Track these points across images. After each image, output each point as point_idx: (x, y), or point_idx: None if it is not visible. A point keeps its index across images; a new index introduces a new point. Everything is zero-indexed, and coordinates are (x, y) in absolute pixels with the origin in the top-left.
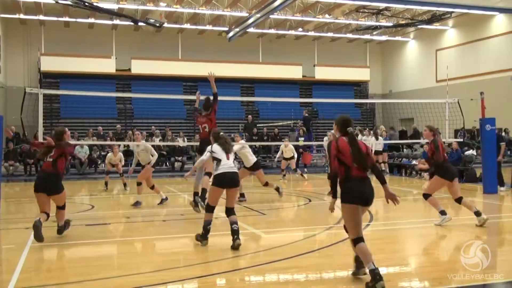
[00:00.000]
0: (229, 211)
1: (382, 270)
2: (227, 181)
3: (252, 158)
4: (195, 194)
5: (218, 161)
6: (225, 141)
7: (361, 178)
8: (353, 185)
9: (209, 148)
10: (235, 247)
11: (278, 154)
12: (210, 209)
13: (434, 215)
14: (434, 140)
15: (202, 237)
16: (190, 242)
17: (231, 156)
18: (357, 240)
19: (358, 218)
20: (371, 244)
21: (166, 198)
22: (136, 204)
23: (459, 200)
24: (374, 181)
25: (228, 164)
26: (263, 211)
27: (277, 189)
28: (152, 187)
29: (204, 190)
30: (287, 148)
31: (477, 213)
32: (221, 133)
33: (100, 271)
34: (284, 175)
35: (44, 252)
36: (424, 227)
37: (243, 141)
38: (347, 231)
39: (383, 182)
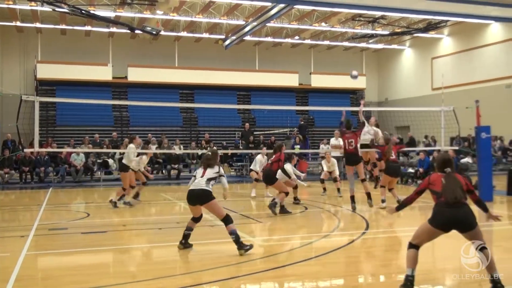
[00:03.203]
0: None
1: (380, 278)
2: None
3: None
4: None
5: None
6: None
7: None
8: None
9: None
10: None
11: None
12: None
13: None
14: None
15: None
16: (186, 250)
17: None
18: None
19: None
20: (367, 252)
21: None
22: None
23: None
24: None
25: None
26: (259, 219)
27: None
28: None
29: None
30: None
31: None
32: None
33: (96, 279)
34: None
35: (39, 261)
36: None
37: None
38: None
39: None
